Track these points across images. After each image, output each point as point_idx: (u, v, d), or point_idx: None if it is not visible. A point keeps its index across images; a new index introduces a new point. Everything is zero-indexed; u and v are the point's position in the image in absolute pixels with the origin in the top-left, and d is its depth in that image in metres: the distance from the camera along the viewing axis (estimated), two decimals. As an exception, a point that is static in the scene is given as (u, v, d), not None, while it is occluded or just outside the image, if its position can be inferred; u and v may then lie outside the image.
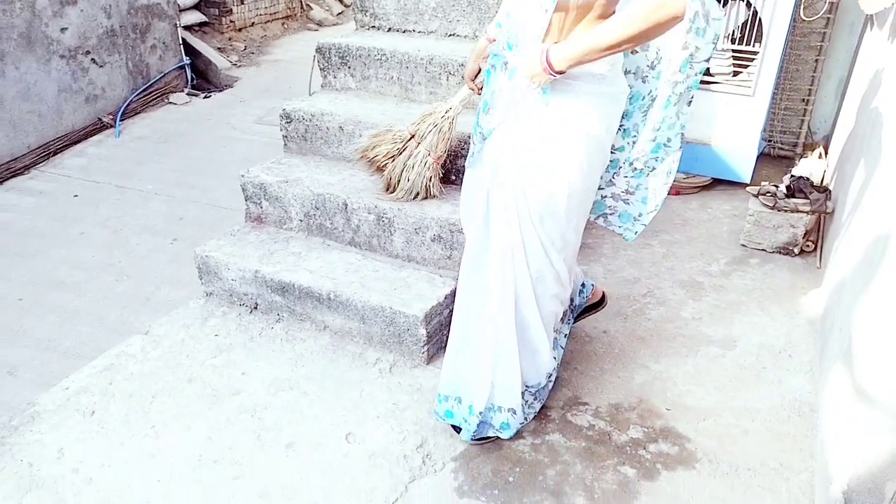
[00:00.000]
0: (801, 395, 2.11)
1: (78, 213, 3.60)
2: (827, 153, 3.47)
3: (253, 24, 6.46)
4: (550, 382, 2.03)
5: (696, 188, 3.34)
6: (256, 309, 2.50)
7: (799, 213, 2.73)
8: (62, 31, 4.34)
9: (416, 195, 2.41)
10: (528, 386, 1.96)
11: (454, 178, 2.55)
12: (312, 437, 1.98)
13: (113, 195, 3.78)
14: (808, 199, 2.75)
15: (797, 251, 2.80)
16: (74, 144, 4.42)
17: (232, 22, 6.15)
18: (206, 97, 5.25)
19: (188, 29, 5.63)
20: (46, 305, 2.87)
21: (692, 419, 2.04)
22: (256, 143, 4.43)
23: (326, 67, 2.94)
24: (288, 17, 6.98)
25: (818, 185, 2.89)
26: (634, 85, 1.81)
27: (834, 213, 2.74)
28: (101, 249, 3.27)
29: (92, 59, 4.59)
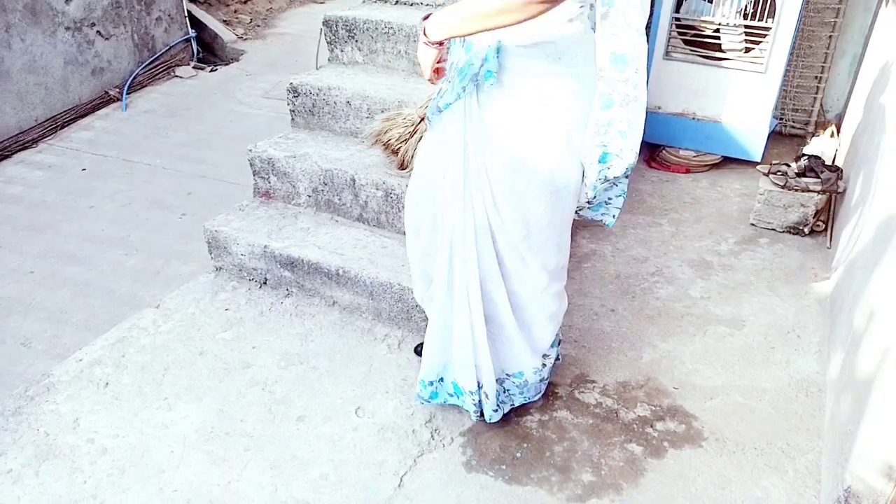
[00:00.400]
0: (808, 375, 2.12)
1: (87, 186, 3.60)
2: (839, 132, 3.44)
3: (259, -4, 6.38)
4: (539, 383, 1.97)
5: (705, 167, 3.32)
6: (266, 284, 2.51)
7: (810, 192, 2.72)
8: (67, 2, 4.30)
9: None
10: (508, 374, 1.92)
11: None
12: (322, 410, 2.00)
13: (121, 169, 3.78)
14: (819, 178, 2.73)
15: (807, 231, 2.79)
16: (81, 118, 4.40)
17: (238, -6, 6.08)
18: (212, 71, 5.21)
19: (193, 1, 5.57)
20: (58, 278, 2.89)
21: (699, 398, 2.05)
22: (263, 117, 4.41)
23: (333, 41, 2.92)
24: (294, -11, 6.89)
25: (830, 164, 2.87)
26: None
27: (845, 192, 2.72)
28: (110, 223, 3.28)
29: (97, 31, 4.56)
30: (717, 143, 3.28)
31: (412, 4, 2.98)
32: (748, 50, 3.07)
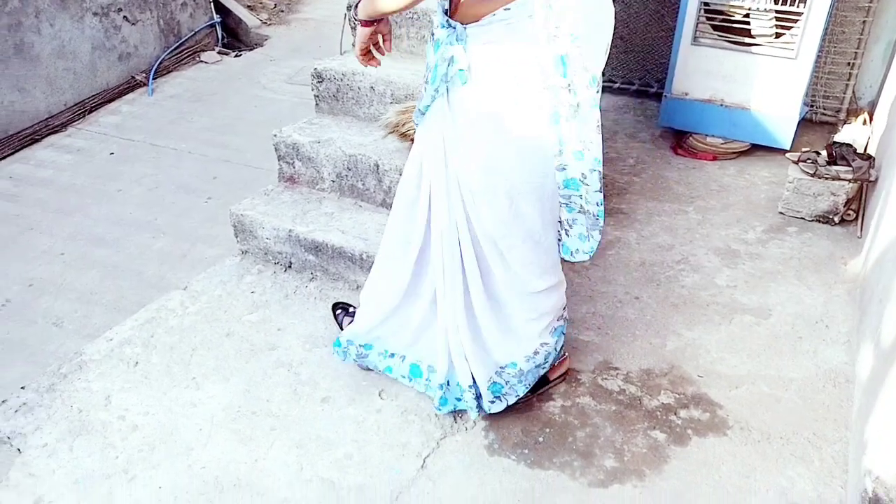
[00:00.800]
0: (837, 365, 2.10)
1: (114, 170, 3.66)
2: (872, 119, 3.37)
3: (283, -19, 6.39)
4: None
5: (733, 154, 3.27)
6: (290, 267, 2.53)
7: (840, 180, 2.67)
8: (95, -13, 4.35)
9: None
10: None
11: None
12: (346, 392, 2.02)
13: (148, 153, 3.83)
14: (850, 166, 2.68)
15: (837, 220, 2.74)
16: (109, 102, 4.46)
17: (262, -21, 6.10)
18: (236, 56, 5.24)
19: (218, -14, 5.60)
20: (88, 260, 2.94)
21: (724, 386, 2.04)
22: (287, 102, 4.43)
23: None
24: (318, -26, 6.88)
25: (861, 152, 2.81)
26: None
27: (877, 181, 2.67)
28: (137, 207, 3.33)
29: (124, 16, 4.61)
30: (745, 130, 3.23)
31: (437, -11, 2.96)
32: (779, 35, 3.01)
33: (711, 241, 2.69)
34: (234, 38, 5.55)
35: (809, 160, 2.74)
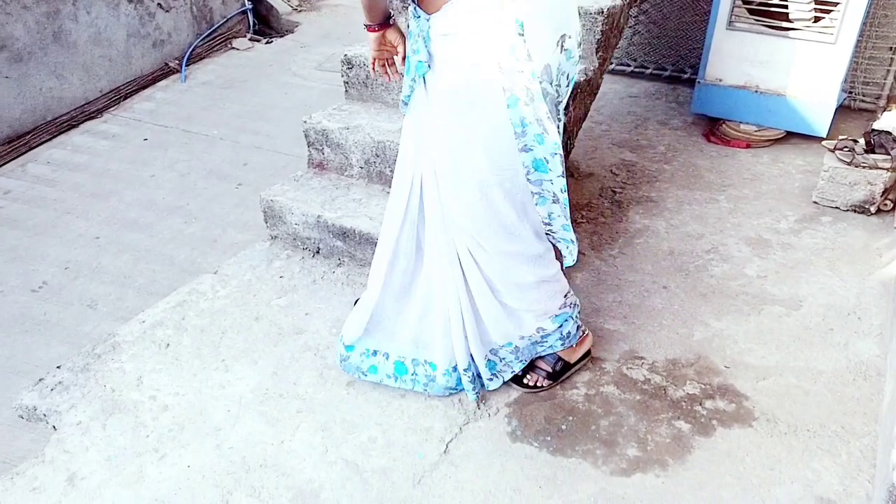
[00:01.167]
0: (868, 358, 2.05)
1: (148, 156, 3.73)
2: (913, 107, 3.26)
3: (313, -33, 6.40)
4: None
5: (767, 141, 3.20)
6: (319, 253, 2.56)
7: (879, 169, 2.60)
8: (130, -25, 4.41)
9: None
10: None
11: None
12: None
13: (180, 139, 3.89)
14: (889, 154, 2.61)
15: (873, 210, 2.67)
16: (143, 89, 4.54)
17: (293, -34, 6.11)
18: (267, 43, 5.28)
19: (250, -27, 5.63)
20: (122, 244, 3.01)
21: (751, 378, 2.01)
22: (317, 89, 4.45)
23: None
24: (348, -40, 6.88)
25: (901, 140, 2.73)
26: None
27: (917, 170, 2.60)
28: (170, 192, 3.39)
29: (158, 3, 4.66)
30: (780, 117, 3.15)
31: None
32: (817, 19, 2.93)
33: (742, 230, 2.65)
34: (265, 24, 5.58)
35: (846, 148, 2.67)
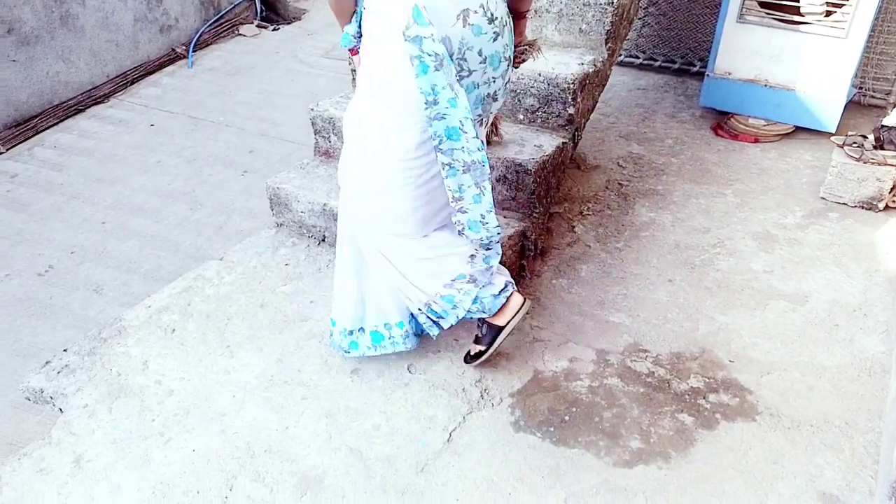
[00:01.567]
0: (873, 354, 2.05)
1: (154, 142, 3.73)
2: (924, 103, 3.24)
3: (322, -46, 6.38)
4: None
5: (776, 136, 3.19)
6: (324, 241, 2.56)
7: (888, 165, 2.58)
8: (138, -41, 4.40)
9: None
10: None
11: (521, 117, 2.51)
12: (375, 365, 2.05)
13: (186, 125, 3.89)
14: (898, 151, 2.59)
15: (881, 206, 2.66)
16: (150, 74, 4.53)
17: (301, -48, 6.08)
18: (274, 29, 5.26)
19: (258, -41, 5.60)
20: (128, 229, 3.02)
21: (755, 372, 2.01)
22: (324, 77, 4.44)
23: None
24: (356, -53, 6.84)
25: (911, 137, 2.71)
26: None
27: (926, 167, 2.58)
28: (176, 178, 3.39)
29: (166, -12, 4.65)
30: (789, 111, 3.14)
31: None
32: (829, 13, 2.91)
33: (749, 225, 2.64)
34: (272, 11, 5.56)
35: (855, 144, 2.65)
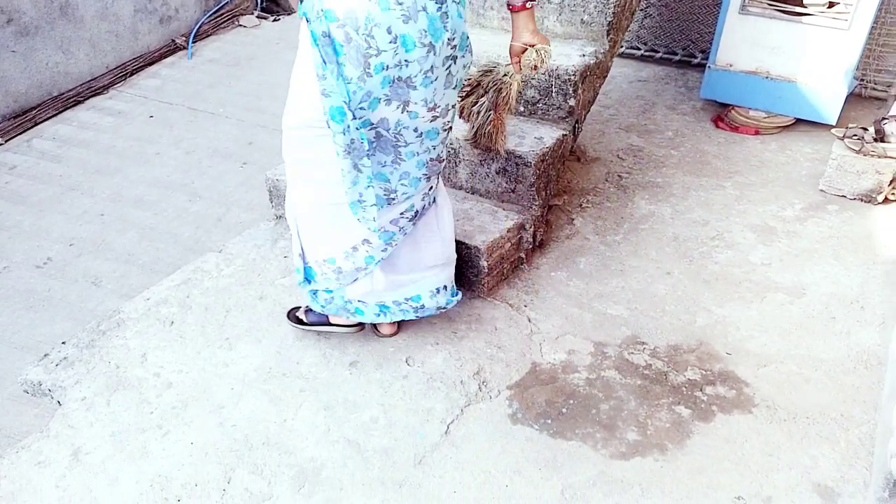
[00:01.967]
0: (869, 347, 2.05)
1: (153, 133, 3.72)
2: (925, 95, 3.23)
3: (321, -56, 6.34)
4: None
5: (776, 128, 3.18)
6: (322, 233, 2.56)
7: (888, 158, 2.58)
8: (137, -51, 4.37)
9: (479, 141, 2.31)
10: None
11: (521, 109, 2.50)
12: (374, 357, 2.06)
13: (186, 117, 3.88)
14: (898, 144, 2.58)
15: (880, 199, 2.66)
16: (149, 65, 4.51)
17: (301, -58, 6.05)
18: (274, 20, 5.24)
19: (258, -51, 5.58)
20: (126, 221, 3.02)
21: (752, 365, 2.02)
22: (323, 68, 4.42)
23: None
24: (357, -63, 6.80)
25: (912, 129, 2.71)
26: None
27: (926, 160, 2.57)
28: (175, 170, 3.39)
29: (165, -21, 4.63)
30: (789, 103, 3.13)
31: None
32: (832, 5, 2.89)
33: (748, 217, 2.64)
34: (272, 2, 5.54)
35: (856, 136, 2.65)
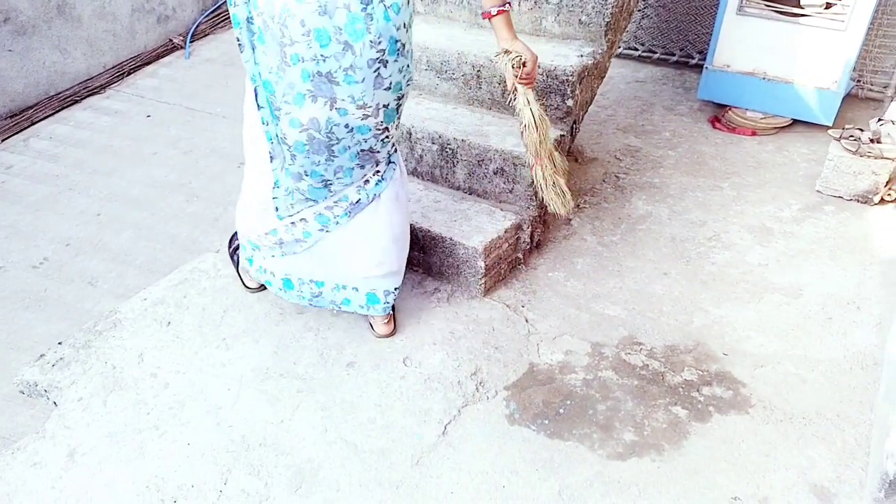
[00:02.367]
0: (866, 347, 2.06)
1: (150, 133, 3.71)
2: (921, 96, 3.24)
3: (319, -56, 6.33)
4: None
5: (773, 129, 3.18)
6: (320, 233, 2.56)
7: (884, 159, 2.58)
8: (134, -51, 4.36)
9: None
10: None
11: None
12: (371, 358, 2.06)
13: (183, 117, 3.87)
14: (895, 145, 2.59)
15: (877, 200, 2.66)
16: (147, 65, 4.50)
17: (298, -58, 6.04)
18: (272, 20, 5.24)
19: (255, -51, 5.57)
20: (123, 221, 3.01)
21: (749, 365, 2.02)
22: (321, 68, 4.42)
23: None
24: (354, -63, 6.79)
25: (908, 130, 2.71)
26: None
27: (922, 161, 2.58)
28: (172, 170, 3.38)
29: (162, -22, 4.62)
30: (786, 104, 3.13)
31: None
32: (829, 6, 2.90)
33: (745, 218, 2.64)
34: (269, 1, 5.54)
35: (852, 137, 2.65)
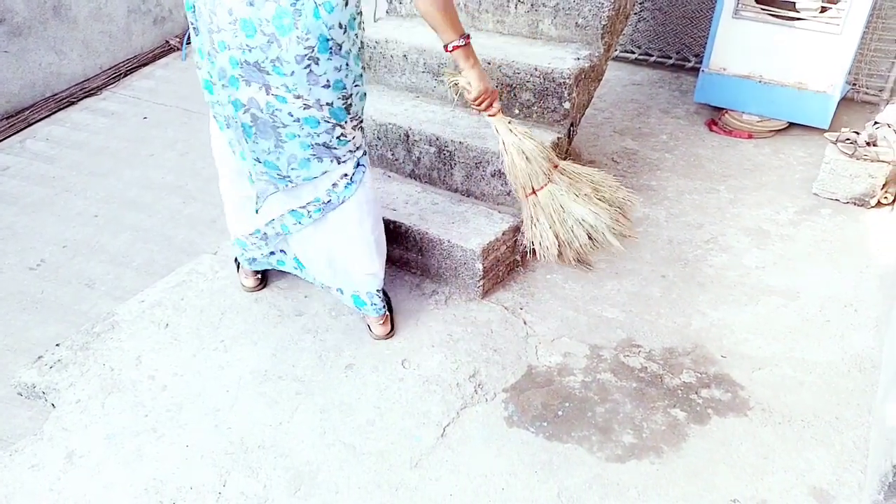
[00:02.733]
0: (863, 350, 2.07)
1: (147, 134, 3.70)
2: (916, 100, 3.25)
3: (316, -54, 6.33)
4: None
5: (769, 132, 3.20)
6: (318, 235, 2.56)
7: (880, 162, 2.60)
8: (131, -50, 4.36)
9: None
10: None
11: (517, 112, 2.51)
12: (370, 360, 2.05)
13: (180, 118, 3.86)
14: (891, 148, 2.60)
15: (873, 203, 2.68)
16: (143, 66, 4.50)
17: (295, -56, 6.04)
18: (268, 22, 5.24)
19: (252, -49, 5.56)
20: (120, 223, 3.00)
21: (747, 368, 2.03)
22: (318, 70, 4.42)
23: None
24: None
25: (904, 133, 2.72)
26: None
27: (918, 164, 2.59)
28: (169, 171, 3.37)
29: (159, -21, 4.62)
30: (782, 107, 3.14)
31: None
32: (824, 10, 2.91)
33: (742, 220, 2.65)
34: (266, 3, 5.54)
35: (848, 140, 2.66)
